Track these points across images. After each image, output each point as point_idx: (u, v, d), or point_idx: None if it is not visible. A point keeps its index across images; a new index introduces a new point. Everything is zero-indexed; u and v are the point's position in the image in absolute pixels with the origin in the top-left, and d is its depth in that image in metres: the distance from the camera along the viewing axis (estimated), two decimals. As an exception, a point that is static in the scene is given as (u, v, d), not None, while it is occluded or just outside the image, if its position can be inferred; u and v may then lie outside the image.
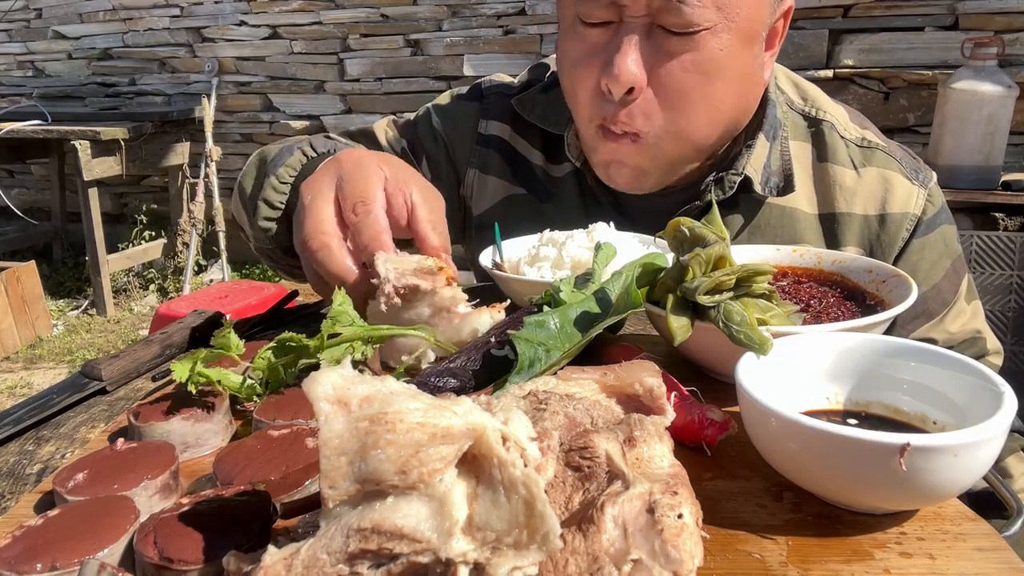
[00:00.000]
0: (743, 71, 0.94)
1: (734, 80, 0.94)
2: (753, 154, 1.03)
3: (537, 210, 1.18)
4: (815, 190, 1.08)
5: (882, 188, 1.06)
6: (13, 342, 4.31)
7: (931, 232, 1.07)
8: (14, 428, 0.76)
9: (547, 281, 0.88)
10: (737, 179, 1.03)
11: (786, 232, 1.06)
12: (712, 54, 0.90)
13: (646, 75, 0.91)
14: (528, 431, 0.45)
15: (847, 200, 1.06)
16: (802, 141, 1.09)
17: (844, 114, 1.13)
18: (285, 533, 0.47)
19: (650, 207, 1.11)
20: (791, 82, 1.15)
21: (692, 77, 0.91)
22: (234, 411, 0.75)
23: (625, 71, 0.89)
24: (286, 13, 4.82)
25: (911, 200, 1.06)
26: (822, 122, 1.09)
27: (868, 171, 1.07)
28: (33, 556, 0.48)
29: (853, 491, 0.54)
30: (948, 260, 1.08)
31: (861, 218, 1.06)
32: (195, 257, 5.10)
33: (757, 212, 1.07)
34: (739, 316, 0.67)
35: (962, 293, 1.10)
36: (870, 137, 1.10)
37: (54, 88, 5.73)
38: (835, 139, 1.08)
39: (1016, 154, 3.36)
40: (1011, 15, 3.28)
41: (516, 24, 4.30)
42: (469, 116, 1.24)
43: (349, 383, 0.42)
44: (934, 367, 0.62)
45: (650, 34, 0.91)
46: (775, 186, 1.05)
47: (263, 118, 5.13)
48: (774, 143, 1.06)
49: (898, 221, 1.06)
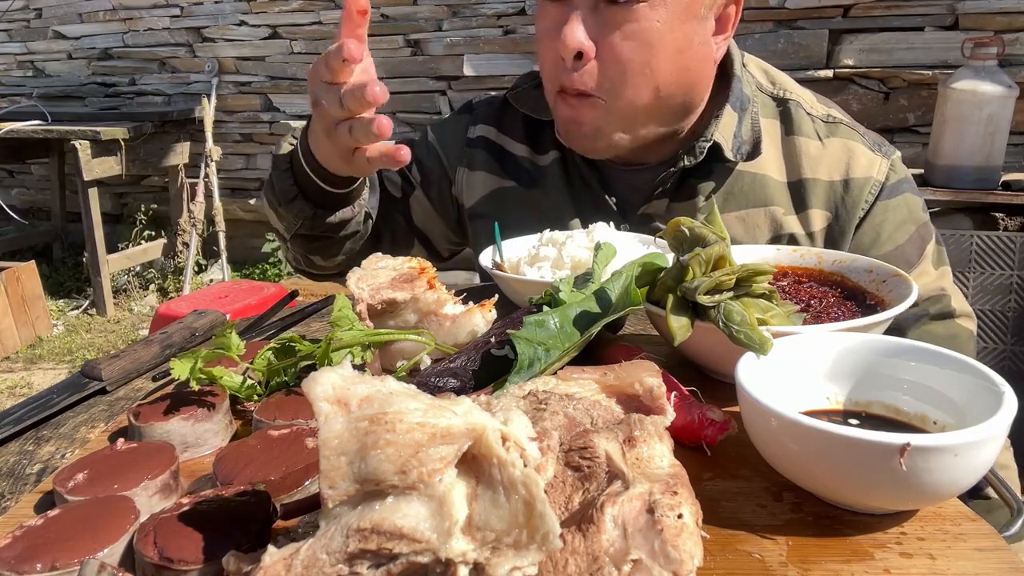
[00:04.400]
0: (681, 45, 1.04)
1: (672, 52, 1.04)
2: (721, 123, 1.12)
3: (525, 198, 1.26)
4: (784, 161, 1.16)
5: (846, 156, 1.14)
6: (13, 342, 4.31)
7: (894, 197, 1.14)
8: (14, 428, 0.76)
9: (547, 281, 0.88)
10: (706, 145, 1.11)
11: (757, 197, 1.14)
12: (650, 24, 1.01)
13: (593, 44, 1.02)
14: (528, 431, 0.45)
15: (812, 167, 1.14)
16: (771, 119, 1.18)
17: (811, 95, 1.22)
18: (285, 533, 0.47)
19: (630, 182, 1.21)
20: (761, 69, 1.24)
21: (632, 44, 1.02)
22: (234, 411, 0.75)
23: (571, 38, 1.00)
24: (286, 13, 4.81)
25: (873, 167, 1.14)
26: (789, 100, 1.18)
27: (832, 141, 1.15)
28: (33, 556, 0.48)
29: (853, 491, 0.54)
30: (912, 225, 1.15)
31: (827, 183, 1.14)
32: (195, 257, 5.10)
33: (729, 179, 1.15)
34: (739, 316, 0.67)
35: (927, 256, 1.15)
36: (835, 114, 1.19)
37: (54, 88, 5.72)
38: (801, 115, 1.17)
39: (1016, 154, 3.35)
40: (1011, 15, 3.28)
41: (516, 24, 4.30)
42: (459, 125, 1.36)
43: (349, 383, 0.42)
44: (934, 367, 0.62)
45: (595, 8, 1.02)
46: (745, 152, 1.14)
47: (263, 118, 5.13)
48: (743, 115, 1.14)
49: (861, 185, 1.13)
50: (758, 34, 3.69)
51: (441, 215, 1.34)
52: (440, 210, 1.34)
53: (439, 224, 1.35)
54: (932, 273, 1.15)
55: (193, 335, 0.98)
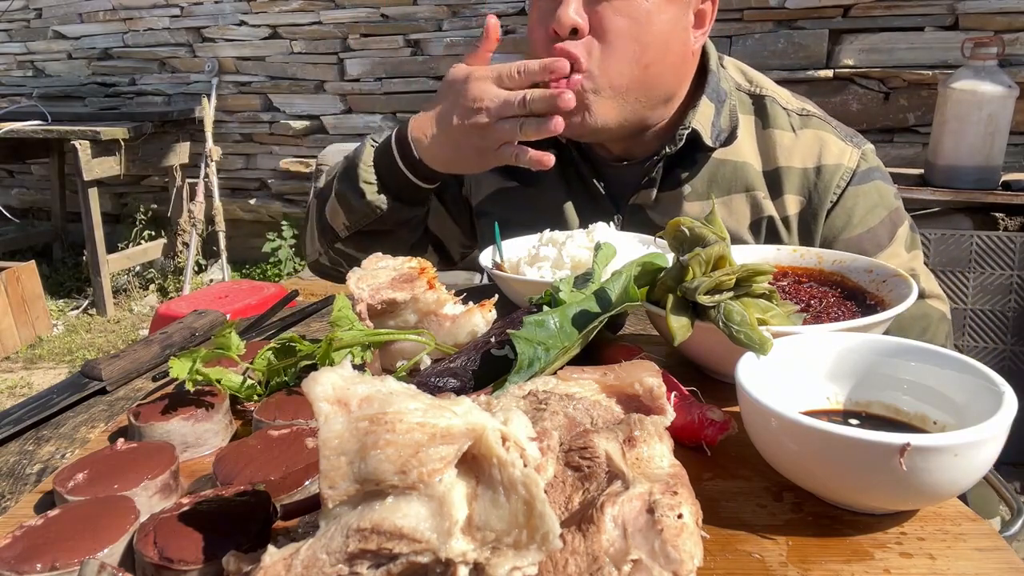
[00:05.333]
0: (667, 28, 1.11)
1: (659, 33, 1.10)
2: (699, 112, 1.18)
3: (526, 196, 1.31)
4: (759, 152, 1.22)
5: (817, 145, 1.21)
6: (13, 342, 4.30)
7: (865, 183, 1.20)
8: (14, 428, 0.76)
9: (547, 281, 0.88)
10: (684, 132, 1.17)
11: (739, 183, 1.20)
12: (641, 4, 1.07)
13: (587, 22, 1.08)
14: (528, 431, 0.45)
15: (786, 156, 1.20)
16: (747, 115, 1.24)
17: (787, 93, 1.28)
18: (285, 533, 0.47)
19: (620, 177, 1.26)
20: (738, 69, 1.30)
21: (623, 20, 1.08)
22: (234, 411, 0.74)
23: (566, 16, 1.06)
24: (286, 13, 4.81)
25: (844, 155, 1.20)
26: (765, 97, 1.24)
27: (805, 132, 1.22)
28: (33, 556, 0.48)
29: (853, 491, 0.54)
30: (884, 210, 1.20)
31: (800, 171, 1.20)
32: (195, 257, 5.10)
33: (712, 166, 1.21)
34: (739, 316, 0.67)
35: (899, 239, 1.20)
36: (809, 108, 1.25)
37: (54, 88, 5.72)
38: (776, 109, 1.23)
39: (1016, 154, 3.35)
40: (1011, 15, 3.27)
41: (516, 24, 4.30)
42: None
43: (349, 383, 0.42)
44: (934, 367, 0.62)
45: None
46: (723, 139, 1.20)
47: (263, 118, 5.12)
48: (721, 106, 1.20)
49: (832, 171, 1.19)
50: (758, 34, 3.68)
51: (455, 219, 1.38)
52: (455, 214, 1.37)
53: (454, 229, 1.39)
54: (903, 256, 1.20)
55: (193, 335, 0.98)
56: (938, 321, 1.18)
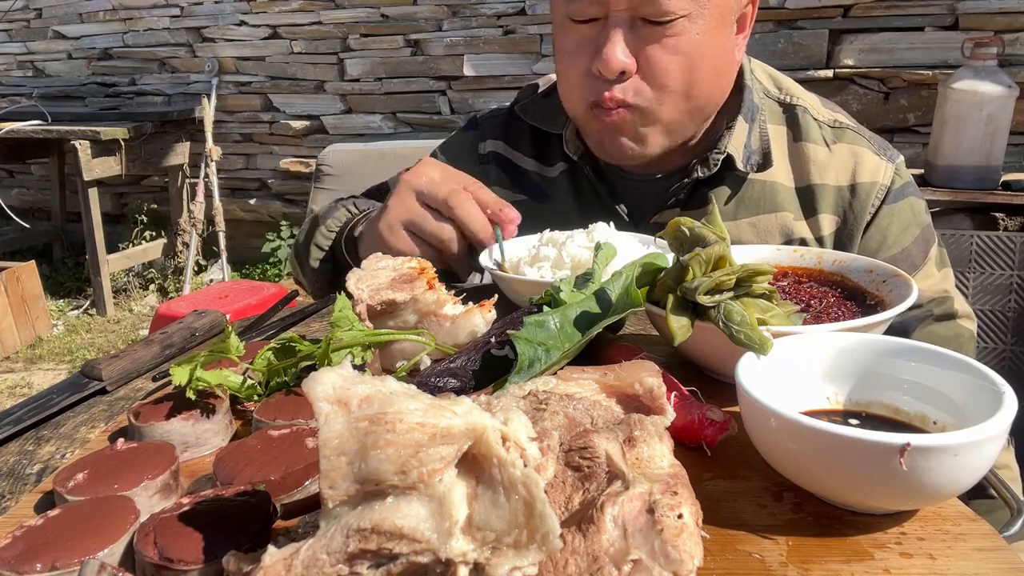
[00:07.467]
0: (719, 51, 1.07)
1: (712, 59, 1.06)
2: (734, 134, 1.14)
3: (535, 211, 1.26)
4: (791, 166, 1.18)
5: (852, 161, 1.16)
6: (13, 342, 4.30)
7: (899, 201, 1.16)
8: (14, 428, 0.76)
9: (547, 281, 0.88)
10: (720, 157, 1.13)
11: (768, 204, 1.16)
12: (691, 38, 1.02)
13: (634, 62, 1.03)
14: (528, 431, 0.45)
15: (820, 173, 1.16)
16: (778, 125, 1.19)
17: (816, 100, 1.23)
18: (285, 533, 0.47)
19: (641, 191, 1.22)
20: (767, 74, 1.26)
21: (675, 59, 1.02)
22: (234, 411, 0.74)
23: (614, 59, 1.01)
24: (286, 13, 4.81)
25: (879, 171, 1.16)
26: (796, 107, 1.20)
27: (839, 147, 1.17)
28: (33, 556, 0.48)
29: (853, 491, 0.54)
30: (917, 228, 1.17)
31: (834, 188, 1.16)
32: (195, 257, 5.10)
33: (741, 187, 1.17)
34: (739, 316, 0.67)
35: (931, 258, 1.18)
36: (841, 119, 1.21)
37: (54, 88, 5.72)
38: (808, 121, 1.18)
39: (1016, 154, 3.35)
40: (1011, 15, 3.28)
41: (516, 24, 4.30)
42: (469, 142, 1.38)
43: (349, 383, 0.42)
44: (934, 367, 0.62)
45: (633, 26, 1.02)
46: (755, 163, 1.16)
47: (263, 118, 5.13)
48: (752, 125, 1.17)
49: (867, 190, 1.15)
50: (758, 34, 3.69)
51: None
52: None
53: None
54: (936, 275, 1.17)
55: (193, 335, 0.98)
56: (968, 340, 1.16)
